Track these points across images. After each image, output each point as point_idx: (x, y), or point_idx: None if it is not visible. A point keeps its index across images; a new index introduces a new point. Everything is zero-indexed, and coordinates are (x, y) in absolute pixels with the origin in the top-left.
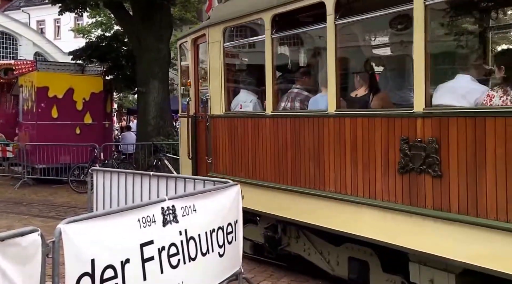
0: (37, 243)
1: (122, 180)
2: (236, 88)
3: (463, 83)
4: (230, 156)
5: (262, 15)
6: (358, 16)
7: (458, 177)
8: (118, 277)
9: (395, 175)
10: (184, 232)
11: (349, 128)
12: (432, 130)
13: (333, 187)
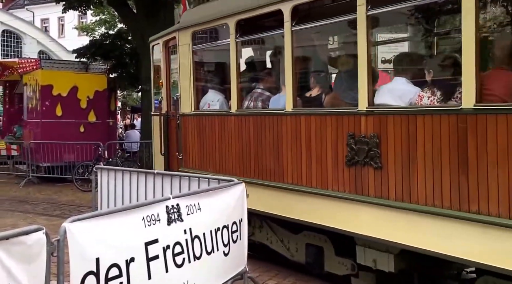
0: (42, 242)
1: (126, 178)
2: (205, 88)
3: (399, 85)
4: (199, 151)
5: (227, 20)
6: (312, 23)
7: (395, 168)
8: (123, 276)
9: (343, 167)
10: (189, 230)
11: (304, 125)
12: (373, 127)
13: (291, 179)
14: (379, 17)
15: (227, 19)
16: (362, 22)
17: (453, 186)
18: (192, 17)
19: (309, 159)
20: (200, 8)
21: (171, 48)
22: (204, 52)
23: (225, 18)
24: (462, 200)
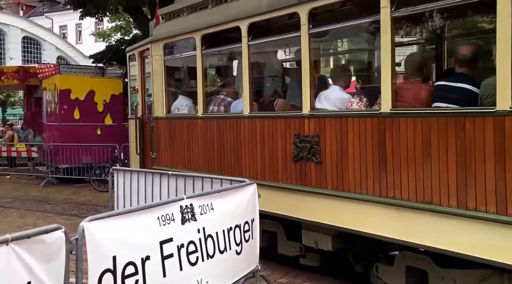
0: (61, 240)
1: (142, 179)
2: (175, 94)
3: (334, 92)
4: (170, 151)
5: (193, 35)
6: (265, 39)
7: (331, 162)
8: (139, 273)
9: (290, 162)
10: (202, 230)
11: (259, 127)
12: (314, 128)
13: (248, 174)
14: (321, 34)
15: (194, 34)
16: (305, 38)
17: (375, 176)
18: (163, 30)
19: (263, 156)
20: (171, 23)
21: (145, 58)
22: (174, 62)
23: (192, 32)
24: (382, 188)
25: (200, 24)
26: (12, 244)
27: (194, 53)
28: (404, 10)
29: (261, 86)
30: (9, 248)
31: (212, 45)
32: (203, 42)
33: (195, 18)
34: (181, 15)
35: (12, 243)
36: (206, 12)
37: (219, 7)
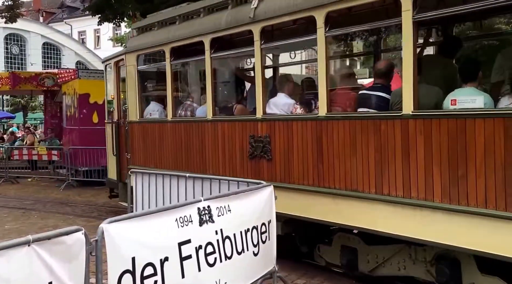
0: (81, 242)
1: (159, 181)
2: (147, 100)
3: (281, 99)
4: (143, 152)
5: (163, 47)
6: (226, 52)
7: (280, 159)
8: (158, 274)
9: (247, 159)
10: (220, 231)
11: (220, 129)
12: (266, 130)
13: (211, 170)
14: (272, 49)
15: (163, 46)
16: (258, 52)
17: (314, 170)
18: (136, 43)
19: (224, 154)
20: (143, 36)
21: (120, 67)
22: (147, 71)
23: (162, 45)
24: (320, 179)
25: (169, 38)
26: (33, 245)
27: (163, 63)
28: (336, 31)
29: (222, 93)
30: (31, 249)
31: (180, 56)
32: (172, 54)
33: (165, 32)
34: (152, 29)
35: (33, 244)
36: (175, 27)
37: (186, 23)
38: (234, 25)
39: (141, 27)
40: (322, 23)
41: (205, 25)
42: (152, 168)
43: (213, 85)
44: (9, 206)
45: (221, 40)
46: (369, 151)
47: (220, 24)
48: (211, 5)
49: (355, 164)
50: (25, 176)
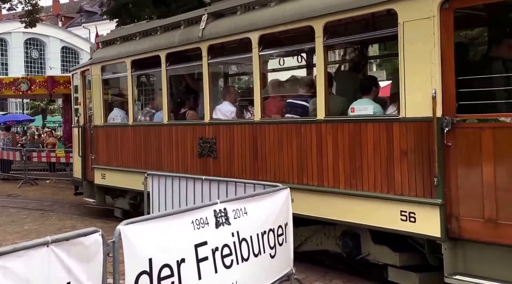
0: (99, 243)
1: (176, 184)
2: (111, 107)
3: (225, 106)
4: (106, 152)
5: (125, 59)
6: (179, 65)
7: (224, 157)
8: (175, 275)
9: (196, 158)
10: (236, 233)
11: (174, 132)
12: (213, 132)
13: (167, 168)
14: (216, 64)
15: (125, 59)
16: (205, 67)
17: (250, 165)
18: (101, 55)
19: (177, 154)
20: (107, 49)
21: (86, 76)
22: (110, 80)
23: (123, 58)
24: (255, 173)
25: (130, 52)
26: (52, 246)
27: (125, 74)
28: (268, 50)
29: (176, 101)
30: (49, 249)
31: (140, 68)
32: (133, 66)
33: (127, 46)
34: (115, 43)
35: (52, 245)
36: (135, 42)
37: (145, 39)
38: (186, 43)
39: (106, 41)
40: (257, 43)
41: (161, 41)
42: (116, 167)
43: (168, 94)
44: (29, 207)
45: (175, 55)
46: (292, 149)
47: (174, 41)
48: (166, 25)
49: (282, 160)
50: (43, 178)
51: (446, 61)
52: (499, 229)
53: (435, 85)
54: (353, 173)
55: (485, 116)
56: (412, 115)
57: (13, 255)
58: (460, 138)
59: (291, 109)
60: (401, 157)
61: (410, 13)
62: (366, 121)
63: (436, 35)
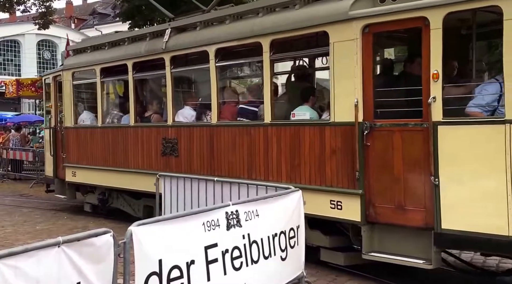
0: (110, 244)
1: (188, 185)
2: (80, 110)
3: (186, 110)
4: (77, 152)
5: (95, 67)
6: (144, 73)
7: (184, 155)
8: (184, 277)
9: (160, 156)
10: (247, 236)
11: (141, 134)
12: (175, 134)
13: (133, 165)
14: (180, 73)
15: (95, 66)
16: (168, 75)
17: (207, 163)
18: (72, 62)
19: (143, 153)
20: (78, 57)
21: (58, 82)
22: (80, 86)
23: (93, 65)
24: (212, 169)
25: (100, 60)
26: (63, 246)
27: (95, 80)
28: (223, 62)
29: (142, 105)
30: (61, 250)
31: (108, 75)
32: (102, 73)
33: (96, 55)
34: (86, 51)
35: (63, 245)
36: (104, 51)
37: (114, 48)
38: (151, 53)
39: (77, 49)
40: (213, 56)
41: (128, 51)
42: (85, 165)
43: (135, 99)
44: (41, 207)
45: (141, 64)
46: (243, 148)
47: (140, 51)
48: (133, 36)
49: (235, 158)
50: None
51: (366, 75)
52: (406, 214)
53: (357, 96)
54: (292, 168)
55: (395, 122)
56: (339, 120)
57: (24, 255)
58: (376, 139)
59: (243, 114)
60: (331, 155)
61: (338, 35)
62: (304, 125)
63: (359, 54)
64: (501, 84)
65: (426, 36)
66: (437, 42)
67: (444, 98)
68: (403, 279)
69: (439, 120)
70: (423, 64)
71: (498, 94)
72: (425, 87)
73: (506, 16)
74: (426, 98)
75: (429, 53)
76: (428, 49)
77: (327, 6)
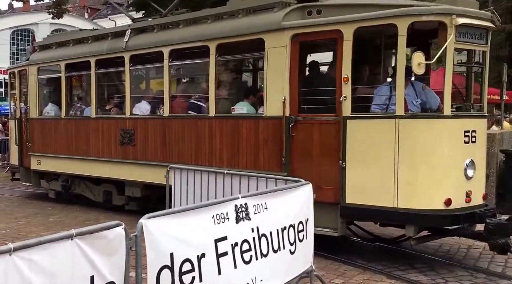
0: (122, 236)
1: (197, 177)
2: (45, 102)
3: (142, 104)
4: (41, 142)
5: (59, 63)
6: (107, 69)
7: (140, 145)
8: (195, 270)
9: (118, 146)
10: (256, 229)
11: (101, 125)
12: (132, 125)
13: (94, 154)
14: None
15: (60, 62)
16: (127, 72)
17: (161, 150)
18: (37, 57)
19: (103, 142)
20: (43, 53)
21: (23, 75)
22: (45, 80)
23: (58, 61)
24: (164, 156)
25: (64, 56)
26: (76, 239)
27: (59, 75)
28: (174, 62)
29: (103, 98)
30: (74, 242)
31: (73, 70)
32: (66, 68)
33: (61, 51)
34: (51, 47)
35: (76, 238)
36: (69, 48)
37: (78, 45)
38: (112, 52)
39: (43, 45)
40: (168, 56)
41: (92, 49)
42: (50, 153)
43: (96, 93)
44: (53, 199)
45: (103, 61)
46: (191, 138)
47: (103, 50)
48: (96, 35)
49: (184, 146)
50: None
51: (293, 77)
52: (322, 191)
53: (285, 94)
54: (232, 156)
55: (315, 116)
56: (271, 114)
57: (38, 248)
58: (300, 130)
59: (192, 108)
60: (264, 144)
61: (272, 42)
62: (242, 118)
63: (288, 59)
64: (391, 87)
65: (340, 46)
66: (348, 51)
67: (353, 97)
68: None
69: (348, 115)
70: (337, 69)
71: (389, 95)
72: (338, 88)
73: (400, 32)
74: (339, 97)
75: (342, 60)
76: (341, 57)
77: (264, 16)
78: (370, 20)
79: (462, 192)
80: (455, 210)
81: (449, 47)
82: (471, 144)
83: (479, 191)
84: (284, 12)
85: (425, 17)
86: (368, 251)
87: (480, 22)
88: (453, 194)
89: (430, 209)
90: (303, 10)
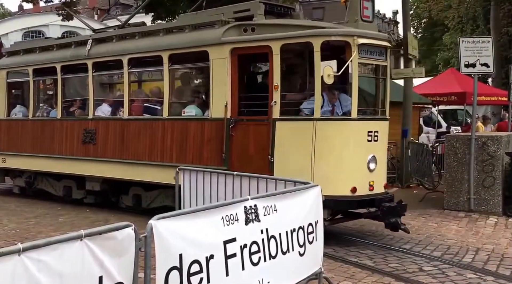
0: (131, 237)
1: (207, 179)
2: (14, 104)
3: (104, 107)
4: (7, 141)
5: (27, 68)
6: (71, 75)
7: (101, 143)
8: (203, 272)
9: (81, 144)
10: (265, 230)
11: (66, 125)
12: (94, 125)
13: (58, 152)
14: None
15: (28, 67)
16: (90, 78)
17: (119, 148)
18: (6, 62)
19: (67, 141)
20: (12, 58)
21: None
22: (14, 84)
23: (26, 66)
24: (122, 154)
25: (32, 62)
26: (85, 239)
27: (27, 79)
28: (133, 69)
29: (69, 101)
30: (83, 243)
31: (40, 75)
32: (34, 73)
33: (28, 57)
34: (19, 54)
35: (85, 239)
36: (36, 55)
37: (44, 52)
38: (76, 59)
39: (11, 51)
40: (126, 64)
41: (57, 56)
42: (15, 152)
43: (62, 96)
44: (63, 200)
45: (68, 67)
46: (146, 137)
47: (67, 57)
48: (61, 43)
49: (139, 144)
50: None
51: (233, 84)
52: None
53: (227, 99)
54: (181, 152)
55: (251, 118)
56: (215, 116)
57: (47, 248)
58: (238, 130)
59: (149, 111)
60: (208, 142)
61: (215, 54)
62: (190, 120)
63: (228, 69)
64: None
65: (271, 59)
66: (277, 63)
67: (281, 102)
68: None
69: (277, 117)
70: (269, 78)
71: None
72: (270, 94)
73: (315, 48)
74: (270, 102)
75: (273, 71)
76: (272, 68)
77: (207, 32)
78: (292, 38)
79: (365, 181)
80: (360, 196)
81: (354, 61)
82: (374, 142)
83: (380, 181)
84: (223, 29)
85: (334, 37)
86: (377, 254)
87: (378, 42)
88: (358, 183)
89: (339, 195)
90: (240, 27)
